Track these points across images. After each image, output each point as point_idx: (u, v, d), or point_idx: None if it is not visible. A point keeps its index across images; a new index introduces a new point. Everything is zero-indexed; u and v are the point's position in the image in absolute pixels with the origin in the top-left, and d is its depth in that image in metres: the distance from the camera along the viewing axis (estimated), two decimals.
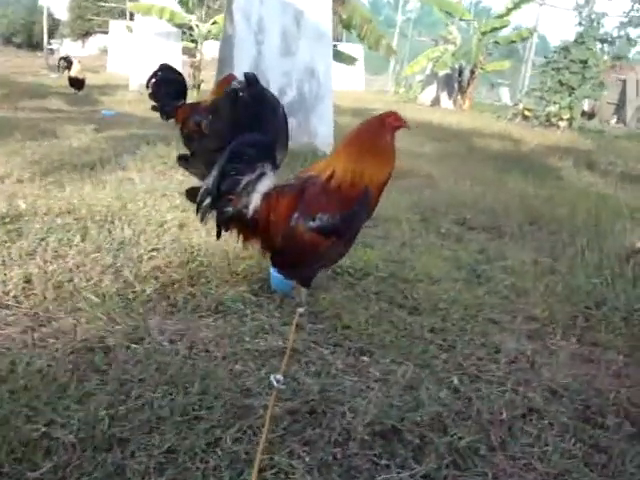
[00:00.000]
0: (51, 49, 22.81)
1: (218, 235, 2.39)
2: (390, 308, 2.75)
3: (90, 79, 15.38)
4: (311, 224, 2.30)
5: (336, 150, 2.41)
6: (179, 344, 2.21)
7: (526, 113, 14.98)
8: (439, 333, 2.54)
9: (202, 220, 2.35)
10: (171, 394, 1.87)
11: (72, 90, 12.49)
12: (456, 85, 19.64)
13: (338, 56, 13.03)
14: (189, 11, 15.76)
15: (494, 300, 2.97)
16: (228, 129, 2.31)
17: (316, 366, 2.14)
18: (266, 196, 2.36)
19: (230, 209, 2.35)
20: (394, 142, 2.37)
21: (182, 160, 2.36)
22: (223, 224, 2.38)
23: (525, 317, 2.80)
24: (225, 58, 7.09)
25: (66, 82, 12.65)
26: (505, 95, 23.74)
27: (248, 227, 2.38)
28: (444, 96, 19.82)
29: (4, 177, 4.46)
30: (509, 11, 17.50)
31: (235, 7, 6.67)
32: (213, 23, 15.64)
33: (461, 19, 18.89)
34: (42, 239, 3.06)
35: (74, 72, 12.61)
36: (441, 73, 19.43)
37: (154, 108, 4.39)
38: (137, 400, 1.82)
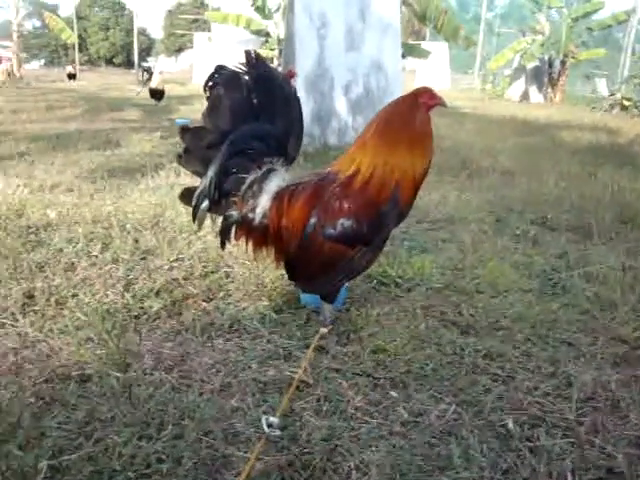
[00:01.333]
0: (148, 67, 23.72)
1: (222, 245, 2.04)
2: (439, 327, 2.28)
3: (175, 91, 15.71)
4: (331, 232, 1.90)
5: (361, 139, 1.99)
6: (170, 373, 1.86)
7: (625, 103, 13.78)
8: (496, 359, 2.05)
9: (199, 227, 2.01)
10: (139, 438, 1.52)
11: (153, 101, 12.70)
12: (546, 78, 18.48)
13: (412, 51, 12.53)
14: (266, 17, 15.74)
15: (571, 316, 2.43)
16: (228, 119, 1.95)
17: (330, 403, 1.73)
18: (276, 197, 1.98)
19: (234, 213, 1.99)
20: (430, 124, 1.93)
21: (179, 158, 2.02)
22: (227, 231, 2.03)
23: (610, 338, 2.25)
24: (288, 56, 6.81)
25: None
26: (602, 86, 22.14)
27: (256, 234, 2.01)
28: (533, 90, 18.70)
29: (53, 187, 4.35)
30: None
31: (296, 3, 6.36)
32: None
33: (549, 7, 17.75)
34: (59, 250, 2.84)
35: (154, 83, 12.86)
36: (529, 66, 18.33)
37: None
38: (95, 445, 1.48)
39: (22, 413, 1.60)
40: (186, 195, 2.00)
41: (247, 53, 1.97)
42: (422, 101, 1.93)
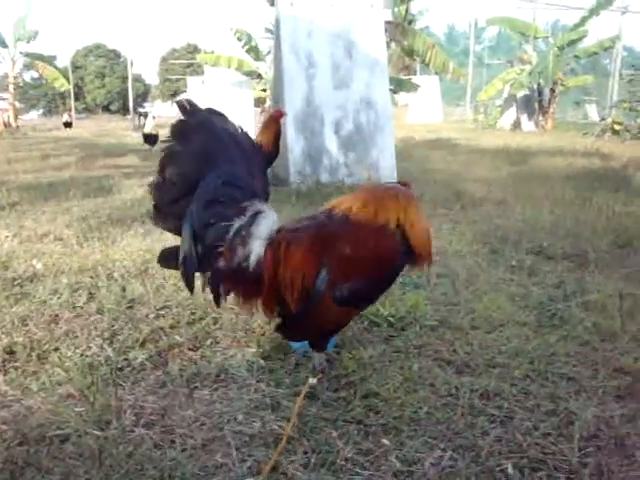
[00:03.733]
0: (144, 112, 23.95)
1: (217, 302, 1.91)
2: (433, 366, 2.20)
3: None
4: (344, 295, 1.80)
5: (364, 194, 1.93)
6: (152, 428, 1.78)
7: (616, 127, 13.85)
8: (493, 399, 1.97)
9: (192, 291, 1.91)
10: None
11: (147, 146, 12.73)
12: (537, 105, 18.64)
13: (402, 85, 12.67)
14: (258, 59, 15.97)
15: (570, 348, 2.35)
16: (189, 170, 1.87)
17: (318, 455, 1.64)
18: (271, 243, 1.85)
19: (222, 265, 1.85)
20: None
21: (153, 218, 1.94)
22: (218, 286, 1.90)
23: (611, 370, 2.17)
24: (277, 96, 6.85)
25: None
26: (593, 112, 22.37)
27: (249, 283, 1.86)
28: (524, 118, 18.84)
29: (43, 236, 4.31)
30: (585, 20, 16.43)
31: (283, 43, 6.43)
32: None
33: (535, 37, 18.03)
34: (43, 302, 2.77)
35: (148, 129, 12.91)
36: (519, 95, 18.52)
37: None
38: None
39: None
40: (167, 257, 1.92)
41: (179, 104, 1.91)
42: None
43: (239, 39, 14.57)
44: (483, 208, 5.45)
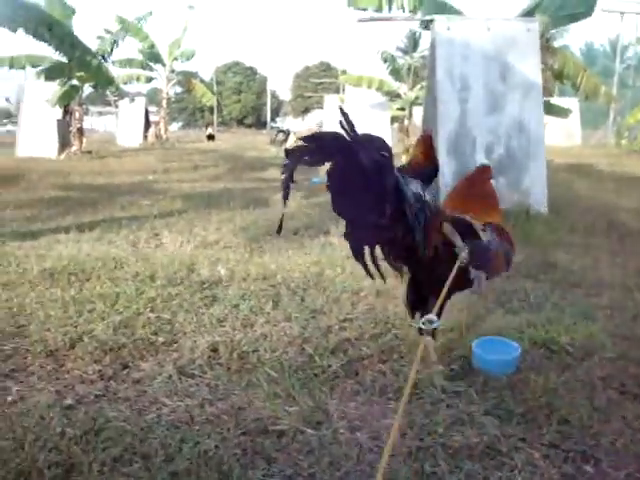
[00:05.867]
0: (286, 130, 25.16)
1: None
2: (621, 399, 2.19)
3: None
4: None
5: None
6: (360, 432, 1.93)
7: None
8: None
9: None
10: None
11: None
12: None
13: (549, 109, 12.29)
14: (399, 79, 16.21)
15: None
16: None
17: (525, 474, 1.71)
18: None
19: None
20: None
21: None
22: None
23: None
24: (429, 118, 6.94)
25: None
26: None
27: None
28: None
29: (214, 243, 4.69)
30: None
31: (438, 67, 6.52)
32: (420, 88, 15.85)
33: None
34: (235, 306, 3.04)
35: (289, 144, 13.54)
36: None
37: None
38: None
39: (230, 463, 1.73)
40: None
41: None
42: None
43: (385, 61, 14.94)
44: None
